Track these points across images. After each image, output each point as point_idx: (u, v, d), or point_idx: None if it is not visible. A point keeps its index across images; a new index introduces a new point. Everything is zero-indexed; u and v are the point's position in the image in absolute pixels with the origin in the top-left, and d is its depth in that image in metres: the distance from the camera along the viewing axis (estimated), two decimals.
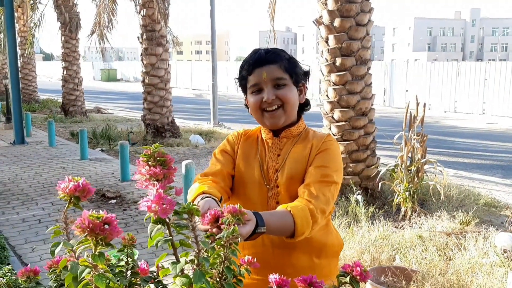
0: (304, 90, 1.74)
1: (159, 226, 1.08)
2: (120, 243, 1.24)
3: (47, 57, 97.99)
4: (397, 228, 5.13)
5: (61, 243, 1.04)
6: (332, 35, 5.86)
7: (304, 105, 1.76)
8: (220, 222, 1.16)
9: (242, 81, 1.71)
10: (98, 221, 0.89)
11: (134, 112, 18.07)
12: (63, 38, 15.13)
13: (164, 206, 1.04)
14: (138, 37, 11.01)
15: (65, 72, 15.37)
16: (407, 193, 5.52)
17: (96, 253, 0.90)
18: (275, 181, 1.68)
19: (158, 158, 1.15)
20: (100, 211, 1.01)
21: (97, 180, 7.15)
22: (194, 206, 1.08)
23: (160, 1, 9.98)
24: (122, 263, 1.26)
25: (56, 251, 1.06)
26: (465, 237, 4.67)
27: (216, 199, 1.49)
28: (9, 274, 2.45)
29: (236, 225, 1.13)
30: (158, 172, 1.11)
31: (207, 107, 17.98)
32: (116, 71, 49.04)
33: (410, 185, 5.54)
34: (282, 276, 1.21)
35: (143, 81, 11.05)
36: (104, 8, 11.93)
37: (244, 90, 1.73)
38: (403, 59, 66.47)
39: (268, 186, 1.69)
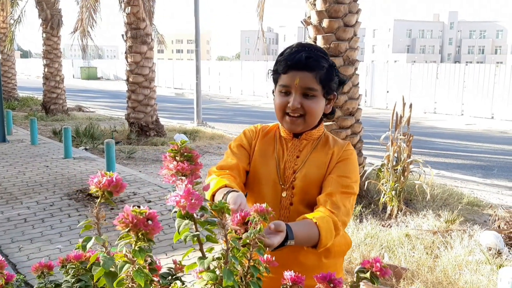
0: (334, 100, 1.72)
1: (187, 221, 1.09)
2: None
3: (25, 54, 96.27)
4: (384, 226, 5.21)
5: (93, 238, 1.04)
6: (320, 35, 5.92)
7: (329, 114, 1.75)
8: (248, 223, 1.17)
9: (275, 74, 1.69)
10: (141, 217, 0.90)
11: (116, 111, 17.90)
12: (44, 35, 14.89)
13: (193, 201, 1.06)
14: (123, 35, 10.91)
15: (46, 70, 15.13)
16: (393, 192, 5.61)
17: (137, 248, 0.92)
18: (291, 182, 1.68)
19: (185, 154, 1.16)
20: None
21: (83, 178, 7.08)
22: (226, 205, 1.10)
23: None
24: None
25: (88, 245, 1.06)
26: (450, 235, 4.78)
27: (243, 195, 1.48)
28: None
29: (262, 225, 1.16)
30: (186, 167, 1.13)
31: (189, 106, 17.93)
32: (97, 69, 48.46)
33: (396, 184, 5.63)
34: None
35: (127, 80, 10.96)
36: (86, 5, 11.79)
37: (275, 81, 1.70)
38: (383, 60, 67.27)
39: (283, 186, 1.69)
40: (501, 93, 17.91)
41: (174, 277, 1.39)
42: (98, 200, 1.10)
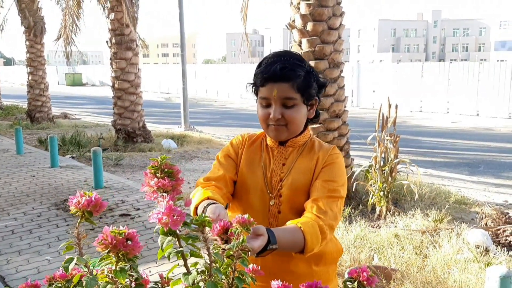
0: (316, 105, 1.72)
1: (170, 237, 1.09)
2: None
3: (8, 62, 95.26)
4: (373, 227, 5.23)
5: (75, 259, 1.03)
6: (305, 38, 5.93)
7: (313, 118, 1.75)
8: (229, 233, 1.17)
9: (255, 87, 1.70)
10: (120, 237, 0.90)
11: (103, 117, 17.78)
12: (27, 42, 14.74)
13: (175, 218, 1.05)
14: (107, 42, 10.85)
15: (30, 78, 14.98)
16: (381, 193, 5.64)
17: (118, 268, 0.91)
18: (278, 190, 1.69)
19: (165, 170, 1.16)
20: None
21: (70, 188, 7.01)
22: (206, 218, 1.09)
23: (129, 4, 9.87)
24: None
25: (70, 267, 1.05)
26: (439, 234, 4.81)
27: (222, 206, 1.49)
28: None
29: (245, 236, 1.15)
30: (167, 184, 1.12)
31: (176, 111, 17.86)
32: (81, 75, 48.11)
33: (384, 185, 5.66)
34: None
35: (113, 86, 10.89)
36: (70, 12, 11.70)
37: (255, 93, 1.72)
38: (368, 60, 67.68)
39: (270, 195, 1.69)
40: (485, 90, 18.10)
41: None
42: (78, 220, 1.09)
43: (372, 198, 5.67)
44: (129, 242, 0.91)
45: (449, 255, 4.21)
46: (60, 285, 1.36)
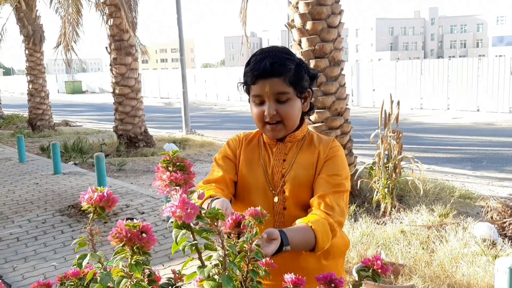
0: (309, 97, 1.71)
1: (184, 231, 1.09)
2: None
3: (8, 72, 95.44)
4: (378, 224, 5.23)
5: (89, 255, 1.03)
6: (304, 38, 5.94)
7: (308, 111, 1.73)
8: (242, 226, 1.17)
9: (246, 85, 1.68)
10: (135, 230, 0.89)
11: (104, 124, 17.79)
12: (27, 51, 14.77)
13: (189, 211, 1.05)
14: (106, 48, 10.86)
15: (30, 86, 15.00)
16: (386, 190, 5.63)
17: (133, 262, 0.90)
18: (281, 186, 1.67)
19: (177, 164, 1.16)
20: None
21: (74, 194, 7.01)
22: (219, 211, 1.09)
23: (127, 10, 9.89)
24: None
25: (84, 263, 1.04)
26: (445, 229, 4.80)
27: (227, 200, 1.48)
28: None
29: (257, 228, 1.15)
30: (179, 177, 1.12)
31: (177, 115, 17.88)
32: (81, 83, 48.16)
33: (389, 181, 5.65)
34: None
35: (114, 92, 10.90)
36: (69, 20, 11.73)
37: (247, 92, 1.69)
38: (367, 59, 67.72)
39: (273, 192, 1.68)
40: (485, 85, 18.11)
41: (174, 287, 1.38)
42: (91, 216, 1.09)
43: (376, 195, 5.66)
44: (143, 235, 0.90)
45: (456, 249, 4.21)
46: (72, 283, 1.36)
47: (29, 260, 4.65)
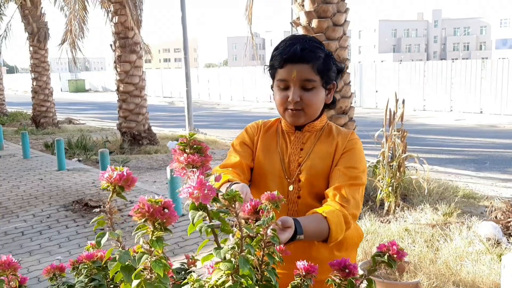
0: (334, 89, 1.70)
1: (200, 212, 1.09)
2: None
3: (11, 70, 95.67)
4: (382, 222, 5.23)
5: (107, 233, 1.03)
6: (310, 35, 5.94)
7: (330, 104, 1.72)
8: (260, 212, 1.17)
9: (272, 69, 1.66)
10: (157, 206, 0.90)
11: (107, 122, 17.82)
12: (31, 48, 14.81)
13: (206, 192, 1.06)
14: (111, 45, 10.88)
15: (34, 83, 15.04)
16: (390, 188, 5.63)
17: (154, 238, 0.91)
18: (297, 175, 1.66)
19: (194, 146, 1.17)
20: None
21: (78, 189, 7.03)
22: (237, 192, 1.10)
23: (132, 7, 9.91)
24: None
25: (103, 241, 1.05)
26: (449, 228, 4.80)
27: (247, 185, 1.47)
28: None
29: (274, 213, 1.16)
30: (196, 159, 1.13)
31: (179, 114, 17.90)
32: (84, 81, 48.21)
33: (393, 180, 5.66)
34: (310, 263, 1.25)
35: (118, 89, 10.92)
36: (75, 16, 11.75)
37: (272, 77, 1.68)
38: (369, 61, 67.66)
39: (289, 180, 1.67)
40: (488, 88, 18.08)
41: (187, 271, 1.39)
42: (110, 195, 1.09)
43: (380, 193, 5.66)
44: (165, 210, 0.91)
45: (461, 247, 4.21)
46: (86, 266, 1.37)
47: (34, 254, 4.67)
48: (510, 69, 17.42)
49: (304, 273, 1.25)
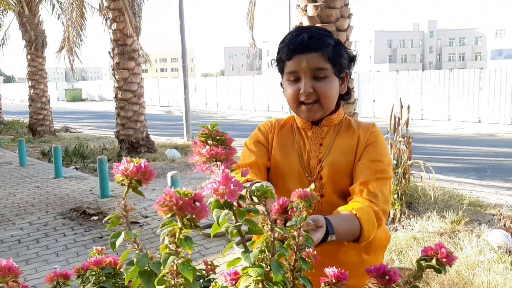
0: (347, 79, 1.59)
1: (226, 211, 0.97)
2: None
3: (8, 79, 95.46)
4: (389, 230, 5.10)
5: (123, 233, 0.91)
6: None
7: (345, 95, 1.62)
8: (289, 212, 1.05)
9: (280, 63, 1.56)
10: (187, 198, 0.78)
11: (104, 130, 17.67)
12: (29, 56, 14.70)
13: (232, 188, 0.93)
14: (109, 52, 10.79)
15: (31, 91, 14.91)
16: (395, 196, 5.52)
17: (182, 237, 0.79)
18: (318, 172, 1.55)
19: (217, 137, 1.05)
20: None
21: (75, 197, 6.88)
22: (269, 188, 0.98)
23: (131, 14, 9.82)
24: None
25: (117, 242, 0.92)
26: (458, 236, 4.69)
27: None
28: None
29: (306, 211, 1.04)
30: (220, 152, 1.01)
31: (177, 123, 17.79)
32: (81, 90, 48.08)
33: (398, 187, 5.55)
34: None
35: (116, 96, 10.80)
36: (73, 23, 11.66)
37: (281, 71, 1.58)
38: (365, 71, 67.88)
39: (309, 178, 1.56)
40: (486, 97, 18.08)
41: (206, 279, 1.27)
42: (125, 190, 0.97)
43: None
44: (197, 203, 0.79)
45: (472, 256, 4.09)
46: (94, 273, 1.24)
47: (31, 263, 4.52)
48: (508, 79, 17.43)
49: (334, 280, 1.13)
